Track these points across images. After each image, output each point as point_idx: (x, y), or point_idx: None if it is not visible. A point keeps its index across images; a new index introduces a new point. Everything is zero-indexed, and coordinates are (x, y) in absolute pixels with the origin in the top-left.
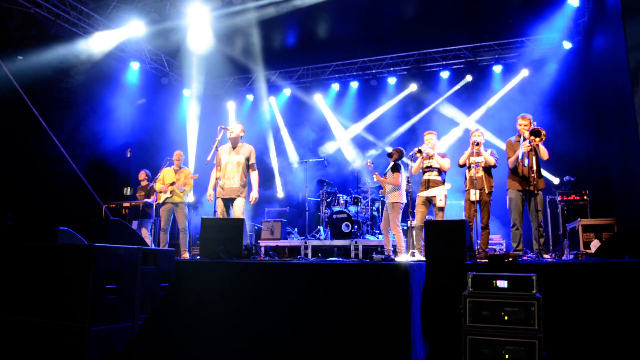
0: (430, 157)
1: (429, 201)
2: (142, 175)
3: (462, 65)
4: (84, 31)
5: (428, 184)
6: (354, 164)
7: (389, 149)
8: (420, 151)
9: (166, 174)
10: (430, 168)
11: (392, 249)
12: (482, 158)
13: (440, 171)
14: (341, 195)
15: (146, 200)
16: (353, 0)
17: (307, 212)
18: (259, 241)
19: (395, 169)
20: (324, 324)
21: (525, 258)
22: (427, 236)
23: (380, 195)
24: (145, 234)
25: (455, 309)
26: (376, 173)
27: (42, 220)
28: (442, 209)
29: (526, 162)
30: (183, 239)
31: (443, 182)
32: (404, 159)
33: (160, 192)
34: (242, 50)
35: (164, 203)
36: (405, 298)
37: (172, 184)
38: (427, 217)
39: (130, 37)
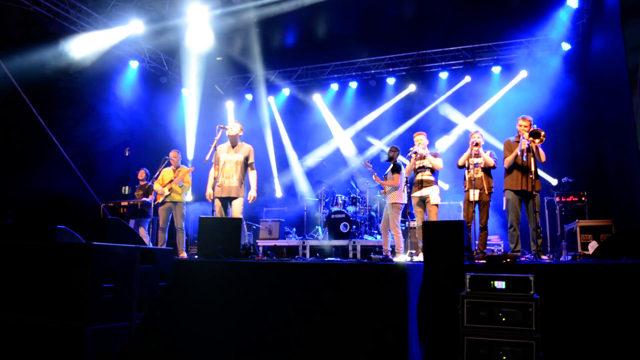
0: (423, 157)
1: (424, 200)
2: (141, 174)
3: (460, 66)
4: (83, 29)
5: (422, 184)
6: (352, 164)
7: (387, 154)
8: (415, 152)
9: (165, 174)
10: (423, 168)
11: (391, 249)
12: (482, 159)
13: (432, 170)
14: (339, 195)
15: (144, 199)
16: (352, 0)
17: (305, 212)
18: (257, 241)
19: (396, 169)
20: (322, 323)
21: (523, 259)
22: (425, 237)
23: (380, 195)
24: (143, 233)
25: (452, 310)
26: (375, 174)
27: (40, 218)
28: (436, 205)
29: (524, 157)
30: (180, 239)
31: (436, 182)
32: (402, 159)
33: (160, 194)
34: (241, 50)
35: (162, 202)
36: (402, 298)
37: (171, 181)
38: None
39: (129, 36)
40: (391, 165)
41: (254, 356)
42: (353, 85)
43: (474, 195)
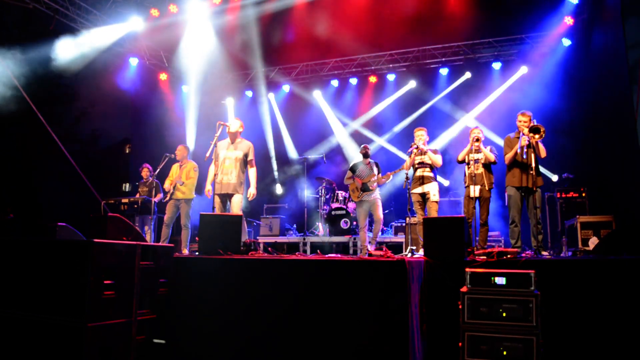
0: (423, 152)
1: (423, 197)
2: (144, 171)
3: (461, 62)
4: (83, 27)
5: (422, 180)
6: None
7: (365, 151)
8: (417, 147)
9: (174, 170)
10: (422, 164)
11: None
12: (482, 154)
13: (432, 167)
14: (340, 191)
15: (145, 197)
16: None
17: (305, 209)
18: (257, 237)
19: (378, 167)
20: (322, 319)
21: (523, 255)
22: (425, 233)
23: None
24: (147, 230)
25: (453, 306)
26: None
27: (41, 215)
28: (436, 202)
29: (524, 155)
30: (184, 235)
31: (435, 178)
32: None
33: (167, 190)
34: (241, 47)
35: (170, 199)
36: (403, 294)
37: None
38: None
39: (129, 33)
40: (375, 163)
41: (255, 352)
42: (353, 81)
43: (475, 191)
